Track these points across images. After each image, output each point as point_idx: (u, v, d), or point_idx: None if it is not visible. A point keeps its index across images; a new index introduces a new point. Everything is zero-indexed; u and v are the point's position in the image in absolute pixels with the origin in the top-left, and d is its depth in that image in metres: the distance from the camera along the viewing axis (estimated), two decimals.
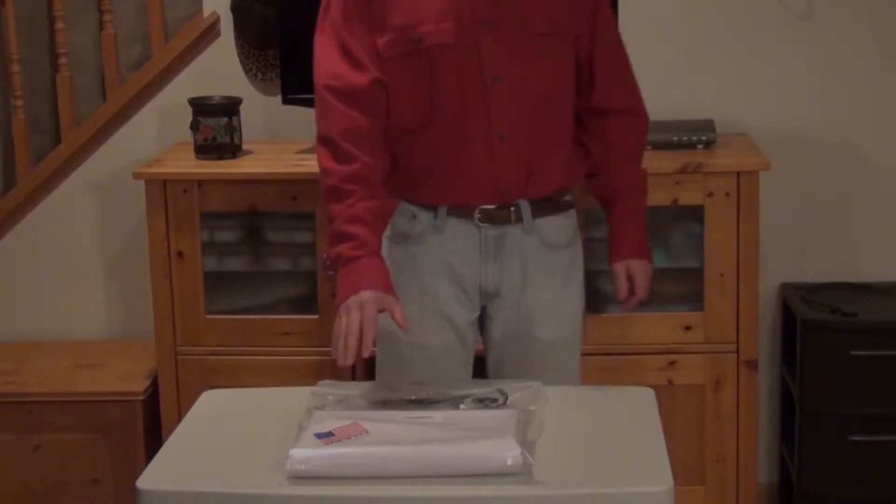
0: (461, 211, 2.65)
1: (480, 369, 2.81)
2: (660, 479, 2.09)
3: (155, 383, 3.62)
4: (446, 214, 2.65)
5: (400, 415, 2.27)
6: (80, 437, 3.62)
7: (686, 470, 3.48)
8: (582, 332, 2.84)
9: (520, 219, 2.66)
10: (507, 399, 2.35)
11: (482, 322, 2.76)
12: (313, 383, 2.45)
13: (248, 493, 2.09)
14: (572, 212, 2.77)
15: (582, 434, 2.27)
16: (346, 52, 2.58)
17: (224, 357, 3.54)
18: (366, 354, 2.43)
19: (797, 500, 3.63)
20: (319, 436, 2.17)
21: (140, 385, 3.63)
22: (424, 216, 2.66)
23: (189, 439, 2.33)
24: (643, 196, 2.84)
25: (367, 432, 2.18)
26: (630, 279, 2.80)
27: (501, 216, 2.65)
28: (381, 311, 2.48)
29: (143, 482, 2.13)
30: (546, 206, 2.69)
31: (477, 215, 2.65)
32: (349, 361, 2.41)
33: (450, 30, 2.55)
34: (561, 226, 2.73)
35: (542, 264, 2.70)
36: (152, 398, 3.63)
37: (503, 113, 2.59)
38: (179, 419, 2.71)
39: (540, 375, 2.65)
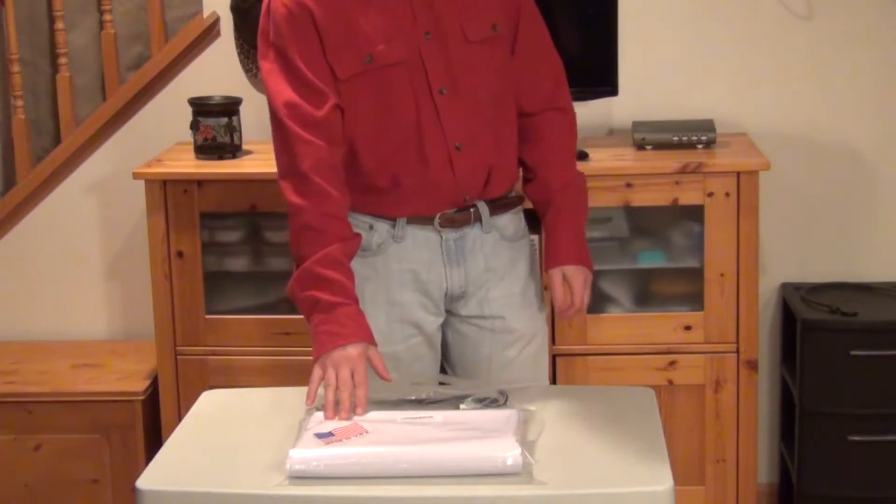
0: (421, 219, 2.63)
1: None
2: (660, 479, 2.09)
3: (155, 383, 3.62)
4: (406, 223, 2.63)
5: (400, 415, 2.27)
6: (80, 437, 3.62)
7: (686, 470, 3.48)
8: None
9: (478, 219, 2.66)
10: (507, 399, 2.35)
11: (446, 321, 2.73)
12: None
13: (248, 493, 2.09)
14: (520, 206, 2.77)
15: (582, 434, 2.27)
16: (300, 79, 2.51)
17: (224, 357, 3.54)
18: (360, 413, 2.31)
19: (797, 500, 3.63)
20: (319, 436, 2.17)
21: (140, 385, 3.63)
22: (382, 226, 2.63)
23: (189, 439, 2.32)
24: (579, 196, 2.75)
25: (366, 432, 2.18)
26: (567, 287, 2.72)
27: (462, 219, 2.64)
28: None
29: (143, 482, 2.13)
30: (501, 203, 2.69)
31: (437, 221, 2.63)
32: (344, 416, 2.30)
33: (400, 47, 2.54)
34: (512, 220, 2.72)
35: (504, 257, 2.70)
36: (152, 398, 3.63)
37: (455, 123, 2.57)
38: (179, 419, 2.71)
39: (518, 367, 2.69)
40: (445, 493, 2.06)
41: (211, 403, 2.49)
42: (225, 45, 3.85)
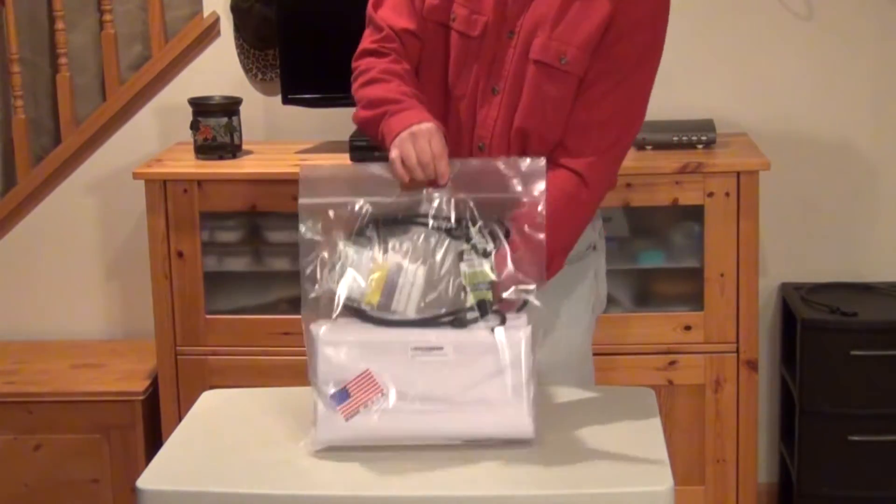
0: None
1: None
2: (660, 479, 2.09)
3: (155, 383, 3.62)
4: None
5: (411, 344, 2.17)
6: (80, 437, 3.62)
7: (686, 470, 3.48)
8: (585, 344, 2.67)
9: None
10: (508, 232, 2.24)
11: None
12: None
13: (248, 493, 2.09)
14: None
15: (582, 434, 2.27)
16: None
17: (224, 357, 3.54)
18: (443, 182, 2.29)
19: (797, 500, 3.63)
20: (335, 398, 2.15)
21: (140, 385, 3.63)
22: None
23: (189, 439, 2.32)
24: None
25: (382, 394, 2.16)
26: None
27: None
28: None
29: (143, 482, 2.13)
30: None
31: None
32: (444, 182, 2.29)
33: (479, 23, 2.51)
34: None
35: None
36: (152, 398, 3.63)
37: (488, 124, 2.53)
38: (179, 419, 2.71)
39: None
40: (446, 493, 2.06)
41: (211, 403, 2.49)
42: (225, 45, 3.85)
